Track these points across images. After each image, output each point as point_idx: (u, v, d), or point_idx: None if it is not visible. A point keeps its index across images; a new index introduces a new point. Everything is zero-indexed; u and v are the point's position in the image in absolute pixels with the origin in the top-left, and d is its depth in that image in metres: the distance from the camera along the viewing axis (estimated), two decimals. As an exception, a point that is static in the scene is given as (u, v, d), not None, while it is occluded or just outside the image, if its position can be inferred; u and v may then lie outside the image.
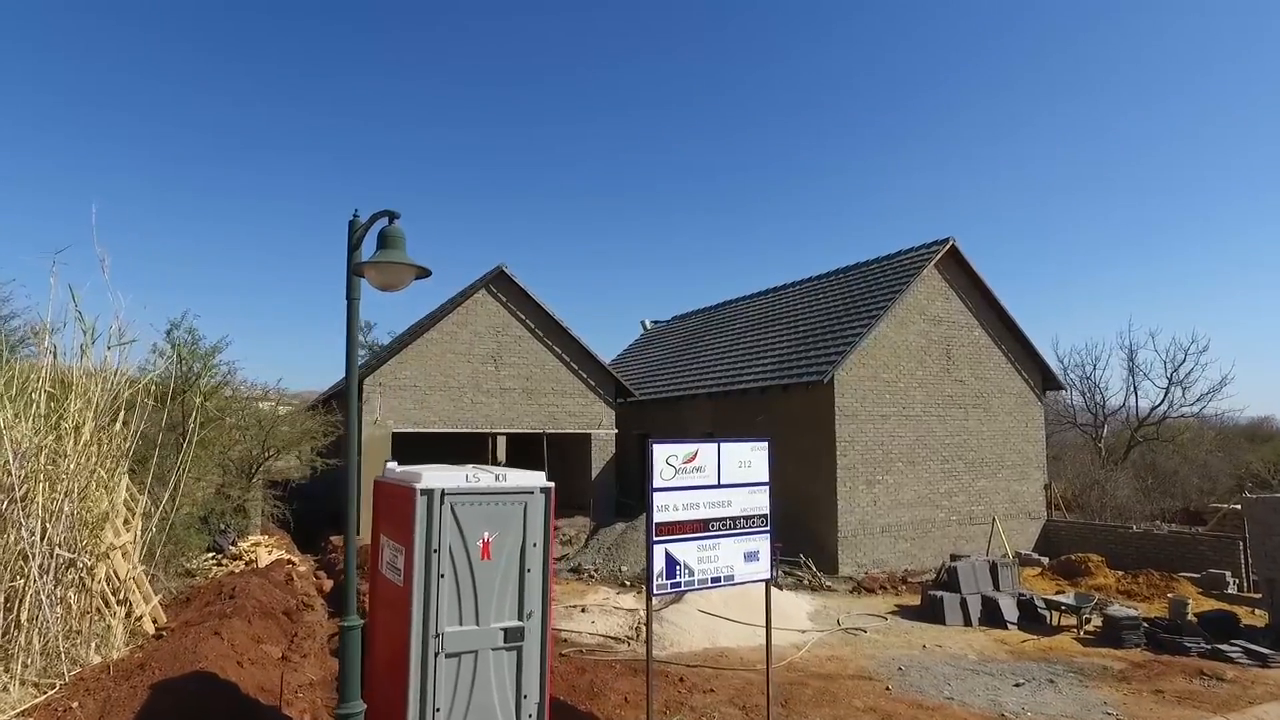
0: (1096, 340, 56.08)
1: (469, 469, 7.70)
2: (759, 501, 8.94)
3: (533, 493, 7.56)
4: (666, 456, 8.27)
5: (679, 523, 8.34)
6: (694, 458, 8.43)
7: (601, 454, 23.70)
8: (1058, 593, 15.21)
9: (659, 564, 8.15)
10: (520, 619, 7.55)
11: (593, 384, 23.84)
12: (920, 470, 19.60)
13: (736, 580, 8.74)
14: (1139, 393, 33.11)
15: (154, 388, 14.61)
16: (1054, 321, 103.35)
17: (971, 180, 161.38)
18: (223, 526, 14.47)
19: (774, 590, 14.98)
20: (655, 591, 8.12)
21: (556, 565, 18.14)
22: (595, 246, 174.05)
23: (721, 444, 8.66)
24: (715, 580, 8.58)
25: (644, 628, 12.91)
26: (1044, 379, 22.58)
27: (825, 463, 18.71)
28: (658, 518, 8.15)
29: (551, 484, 7.77)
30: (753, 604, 14.05)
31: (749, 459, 8.87)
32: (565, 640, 12.37)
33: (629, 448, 25.95)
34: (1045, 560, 19.37)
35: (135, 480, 12.05)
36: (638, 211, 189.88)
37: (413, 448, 22.80)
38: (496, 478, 7.49)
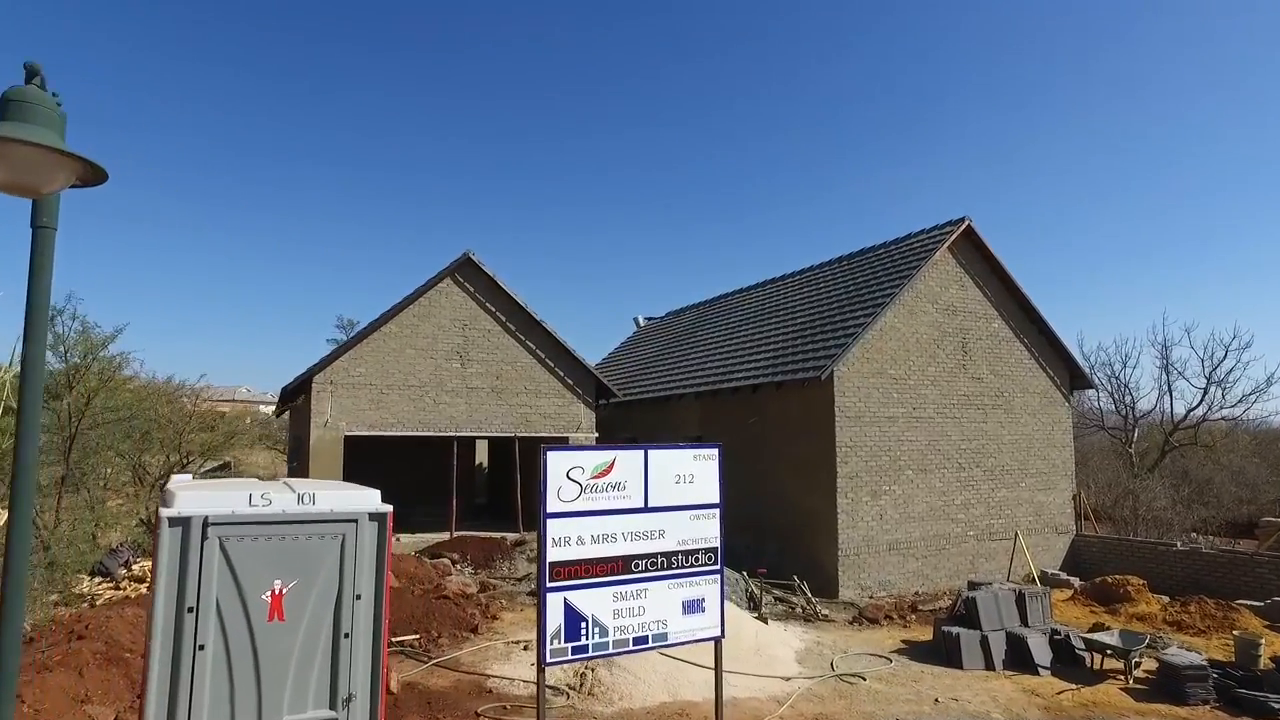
0: (1125, 336, 52.48)
1: (257, 485, 5.28)
2: (705, 530, 6.42)
3: (357, 520, 5.14)
4: (568, 469, 5.81)
5: (586, 562, 5.85)
6: (609, 469, 5.95)
7: (581, 460, 21.22)
8: (1096, 626, 12.54)
9: (554, 619, 5.67)
10: (332, 708, 4.99)
11: (570, 383, 21.39)
12: (933, 479, 16.98)
13: (671, 640, 6.21)
14: (1173, 393, 30.22)
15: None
16: (1077, 317, 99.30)
17: (988, 169, 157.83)
18: (114, 545, 12.14)
19: (757, 625, 12.46)
20: (549, 660, 5.64)
21: (516, 587, 15.68)
22: (598, 241, 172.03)
23: (650, 451, 6.18)
24: (641, 641, 6.06)
25: (595, 672, 10.44)
26: (1071, 377, 19.87)
27: (824, 471, 16.16)
28: (552, 555, 5.69)
29: (388, 507, 5.35)
30: (731, 639, 11.53)
31: (691, 472, 6.36)
32: (490, 690, 9.90)
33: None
34: (1076, 582, 16.67)
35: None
36: (642, 205, 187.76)
37: (369, 454, 20.51)
38: (299, 498, 5.05)
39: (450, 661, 10.84)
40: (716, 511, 6.48)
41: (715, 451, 6.54)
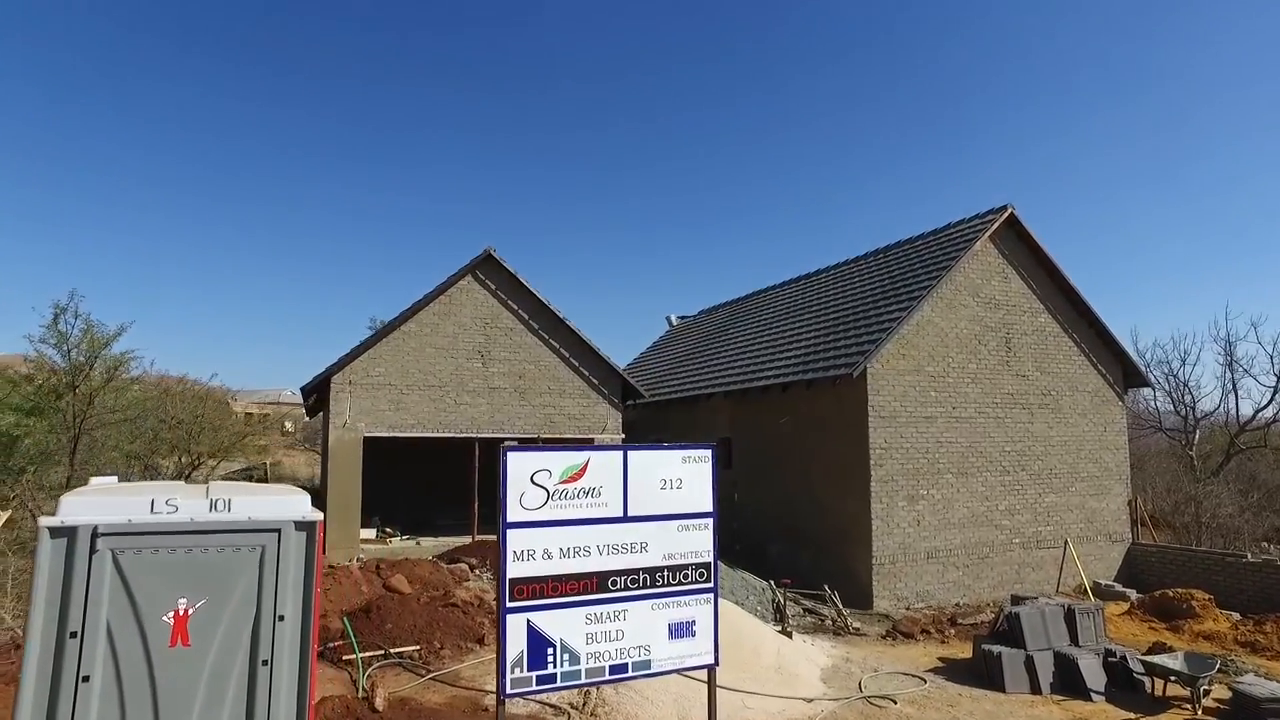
0: (1184, 332, 49.64)
1: (164, 489, 4.61)
2: (696, 543, 5.59)
3: (280, 529, 4.46)
4: (532, 471, 5.04)
5: (554, 578, 5.08)
6: (581, 473, 5.16)
7: (607, 462, 20.45)
8: (1156, 646, 11.32)
9: (515, 645, 4.90)
10: (248, 750, 4.22)
11: (595, 383, 20.61)
12: (974, 483, 15.82)
13: (656, 669, 5.39)
14: (1239, 392, 28.29)
15: (38, 383, 12.25)
16: (1129, 312, 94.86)
17: (1030, 158, 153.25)
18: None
19: (780, 640, 11.53)
20: (509, 691, 4.87)
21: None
22: (632, 237, 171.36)
23: (631, 452, 5.37)
24: (619, 670, 5.26)
25: (600, 690, 9.65)
26: (1125, 374, 18.47)
27: (857, 474, 15.14)
28: (513, 570, 4.92)
29: (318, 515, 4.63)
30: (750, 656, 10.66)
31: (679, 476, 5.54)
32: (486, 708, 9.18)
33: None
34: (1133, 594, 15.35)
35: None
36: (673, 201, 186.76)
37: (392, 457, 20.02)
38: (212, 504, 4.36)
39: (449, 675, 10.14)
40: (709, 522, 5.64)
41: (708, 453, 5.70)
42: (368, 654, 9.98)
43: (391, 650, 10.50)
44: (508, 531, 4.95)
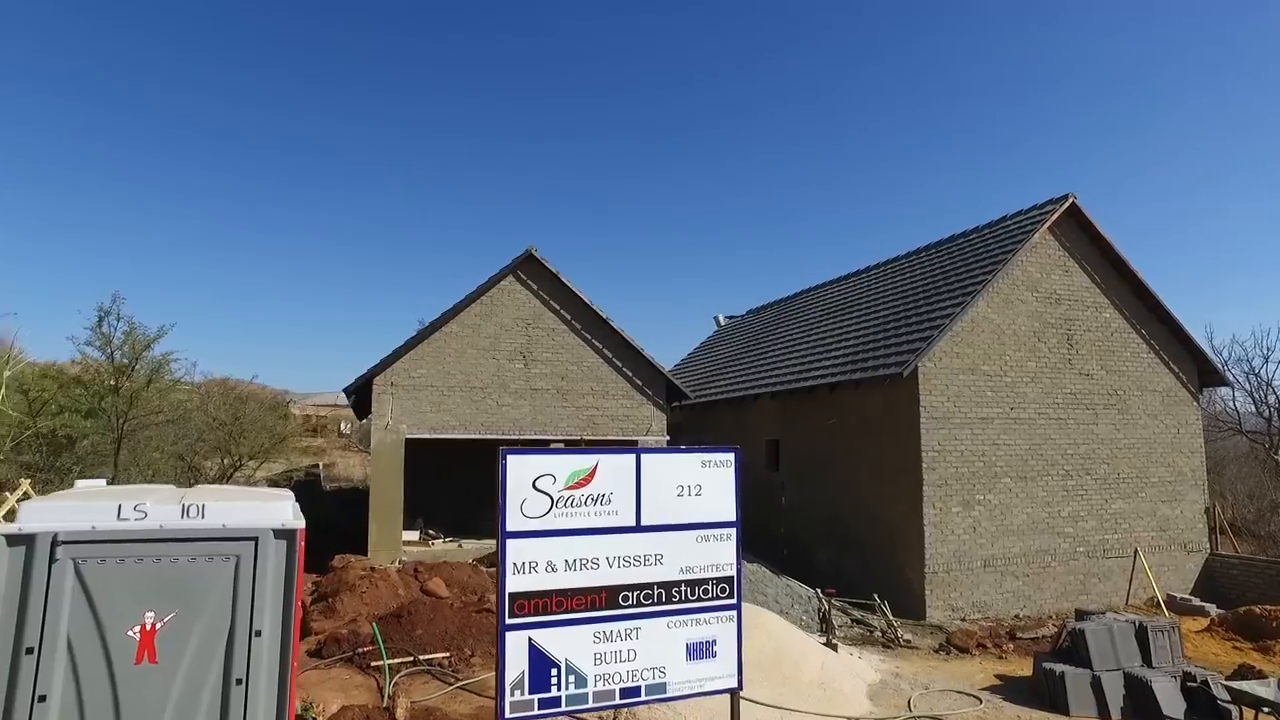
0: (1265, 328, 46.37)
1: (136, 493, 4.29)
2: (717, 555, 5.08)
3: (257, 538, 4.07)
4: (534, 476, 4.61)
5: (558, 593, 4.63)
6: (589, 478, 4.71)
7: (651, 464, 19.97)
8: (1242, 669, 10.30)
9: (515, 664, 4.47)
10: (220, 775, 3.82)
11: (639, 383, 20.17)
12: (1035, 488, 14.87)
13: (672, 692, 4.89)
14: (1326, 392, 26.33)
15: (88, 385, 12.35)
16: (1203, 308, 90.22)
17: (1097, 152, 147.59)
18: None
19: (825, 653, 10.89)
20: (508, 715, 4.44)
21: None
22: (678, 237, 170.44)
23: (644, 456, 4.90)
24: (631, 693, 4.78)
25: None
26: (1200, 373, 17.22)
27: (908, 478, 14.37)
28: (513, 584, 4.50)
29: (299, 523, 4.25)
30: (791, 670, 10.05)
31: (698, 482, 5.04)
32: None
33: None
34: (1212, 610, 14.20)
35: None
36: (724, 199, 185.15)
37: (433, 457, 19.89)
38: (185, 510, 4.01)
39: (478, 685, 9.77)
40: (733, 532, 5.12)
41: (730, 457, 5.18)
42: (396, 660, 9.70)
43: (421, 657, 10.20)
44: (507, 542, 4.52)
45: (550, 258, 19.51)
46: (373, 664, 9.67)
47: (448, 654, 10.71)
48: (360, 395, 18.97)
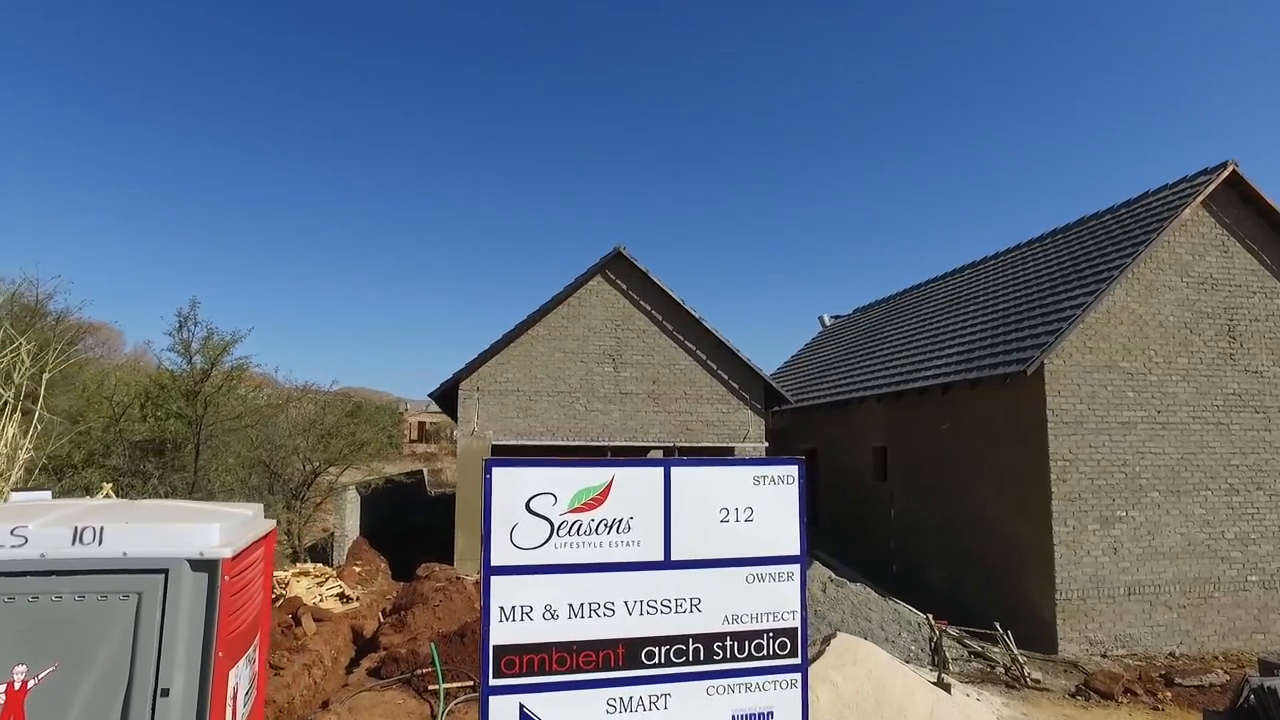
0: None
1: (15, 510, 3.43)
2: (775, 599, 3.80)
3: (167, 570, 3.14)
4: (529, 495, 3.49)
5: (560, 647, 3.49)
6: (602, 497, 3.55)
7: (748, 471, 18.58)
8: None
9: (501, 744, 3.36)
10: None
11: (736, 387, 18.84)
12: (1190, 504, 12.55)
13: (712, 781, 3.68)
14: None
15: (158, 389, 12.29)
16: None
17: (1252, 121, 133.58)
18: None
19: (935, 693, 9.25)
20: (492, 809, 3.32)
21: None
22: (790, 228, 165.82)
23: (675, 469, 3.70)
24: (657, 780, 3.59)
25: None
26: (1397, 369, 14.28)
27: (1034, 490, 12.42)
28: (499, 634, 3.38)
29: (225, 551, 3.30)
30: (894, 715, 8.53)
31: (748, 504, 3.78)
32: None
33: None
34: None
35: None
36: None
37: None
38: (76, 535, 3.10)
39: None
40: (796, 569, 3.84)
41: (793, 470, 3.90)
42: (455, 685, 8.85)
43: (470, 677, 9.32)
44: (492, 579, 3.44)
45: (647, 257, 18.50)
46: (430, 688, 8.89)
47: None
48: (448, 401, 18.57)
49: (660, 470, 3.68)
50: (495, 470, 3.50)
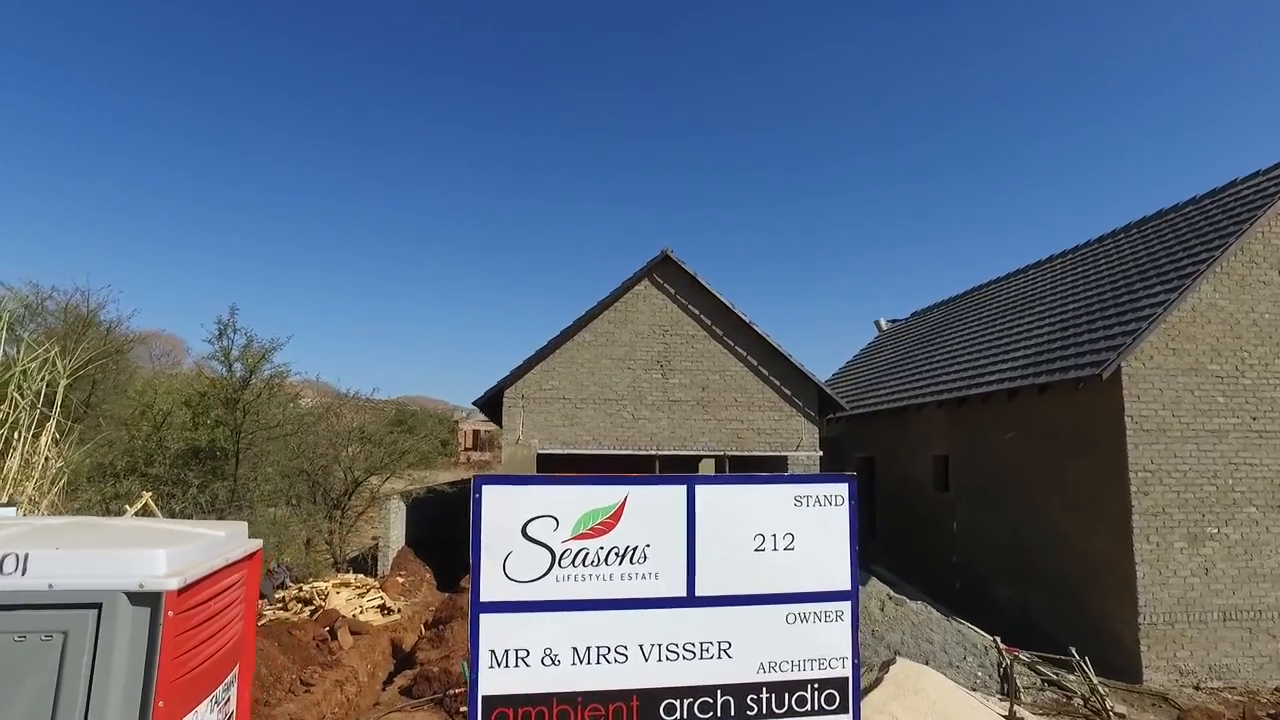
0: None
1: None
2: (822, 644, 3.16)
3: (99, 604, 2.70)
4: (526, 519, 2.95)
5: (562, 699, 2.92)
6: (612, 521, 2.98)
7: (802, 481, 17.75)
8: None
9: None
10: None
11: (788, 394, 18.06)
12: (1291, 519, 11.33)
13: None
14: None
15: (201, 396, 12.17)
16: None
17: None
18: (270, 566, 11.26)
19: (1006, 726, 8.37)
20: None
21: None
22: (840, 233, 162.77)
23: (700, 487, 3.10)
24: None
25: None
26: None
27: (1112, 503, 11.36)
28: (489, 684, 2.83)
29: (170, 583, 2.83)
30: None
31: (788, 529, 3.16)
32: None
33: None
34: None
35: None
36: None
37: (567, 472, 18.70)
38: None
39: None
40: (846, 607, 3.19)
41: (843, 488, 3.26)
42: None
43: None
44: (481, 618, 2.89)
45: (695, 262, 17.93)
46: (461, 709, 8.44)
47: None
48: (493, 409, 18.25)
49: (682, 489, 3.08)
50: (486, 489, 2.95)
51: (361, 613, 11.76)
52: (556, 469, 17.61)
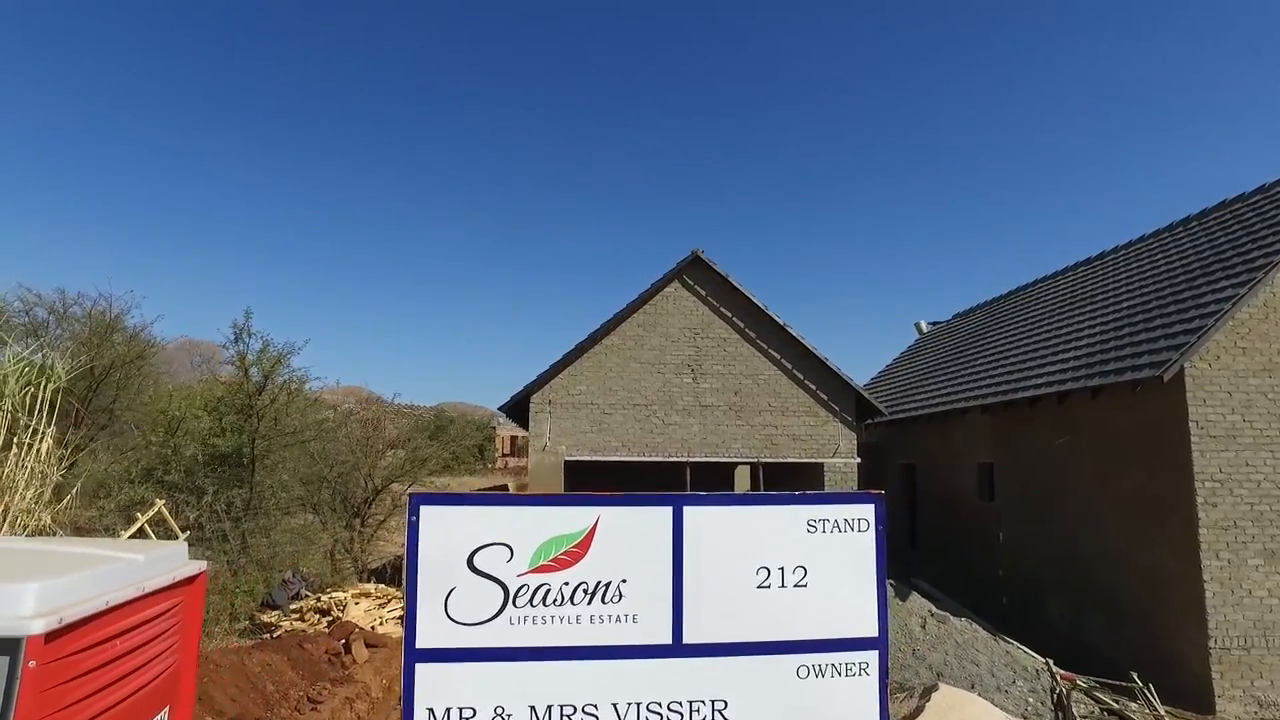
0: None
1: None
2: (839, 705, 2.52)
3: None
4: (473, 547, 2.35)
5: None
6: (579, 550, 2.37)
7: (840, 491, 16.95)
8: None
9: None
10: None
11: (824, 398, 17.26)
12: (1378, 533, 10.24)
13: None
14: None
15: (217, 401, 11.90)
16: None
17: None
18: (285, 576, 10.91)
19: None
20: None
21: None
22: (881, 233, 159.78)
23: (688, 509, 2.49)
24: None
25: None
26: None
27: (1175, 515, 10.42)
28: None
29: (45, 625, 2.32)
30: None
31: (801, 559, 2.54)
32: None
33: (883, 482, 18.86)
34: None
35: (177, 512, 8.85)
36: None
37: (596, 480, 18.22)
38: None
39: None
40: (872, 659, 2.57)
41: (869, 510, 2.63)
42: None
43: None
44: (416, 668, 2.33)
45: (727, 264, 17.30)
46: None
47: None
48: (520, 414, 17.81)
49: (667, 510, 2.49)
50: (424, 509, 2.40)
51: (381, 624, 11.36)
52: (585, 477, 17.12)
